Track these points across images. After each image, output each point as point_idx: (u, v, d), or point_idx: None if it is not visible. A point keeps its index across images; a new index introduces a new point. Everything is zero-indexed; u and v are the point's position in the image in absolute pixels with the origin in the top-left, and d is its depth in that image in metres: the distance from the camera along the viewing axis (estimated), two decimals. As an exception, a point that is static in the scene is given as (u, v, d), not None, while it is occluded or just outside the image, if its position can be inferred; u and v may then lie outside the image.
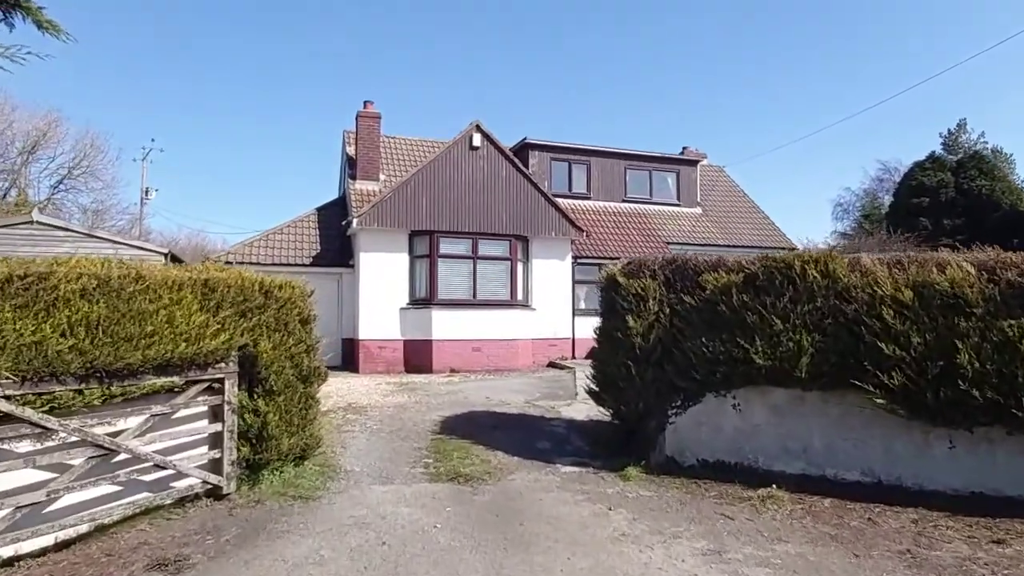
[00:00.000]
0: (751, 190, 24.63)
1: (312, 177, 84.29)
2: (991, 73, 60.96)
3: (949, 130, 38.85)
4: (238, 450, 6.05)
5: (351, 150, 19.47)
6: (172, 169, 64.80)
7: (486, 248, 16.92)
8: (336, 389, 12.17)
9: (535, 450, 7.90)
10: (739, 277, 6.80)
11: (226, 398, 5.94)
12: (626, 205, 21.19)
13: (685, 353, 6.97)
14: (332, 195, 19.92)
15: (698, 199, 22.31)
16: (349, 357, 16.97)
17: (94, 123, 68.79)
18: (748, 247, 21.13)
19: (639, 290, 7.28)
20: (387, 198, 16.17)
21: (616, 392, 7.45)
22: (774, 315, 6.52)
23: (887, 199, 40.60)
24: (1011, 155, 32.28)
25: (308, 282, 7.31)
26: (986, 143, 38.32)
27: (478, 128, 17.02)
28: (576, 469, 7.18)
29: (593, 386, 8.10)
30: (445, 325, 16.18)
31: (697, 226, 21.35)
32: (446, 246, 16.57)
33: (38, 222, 15.21)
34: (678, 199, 21.99)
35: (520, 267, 17.37)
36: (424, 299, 16.36)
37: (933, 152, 32.39)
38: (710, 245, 20.71)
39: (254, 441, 6.14)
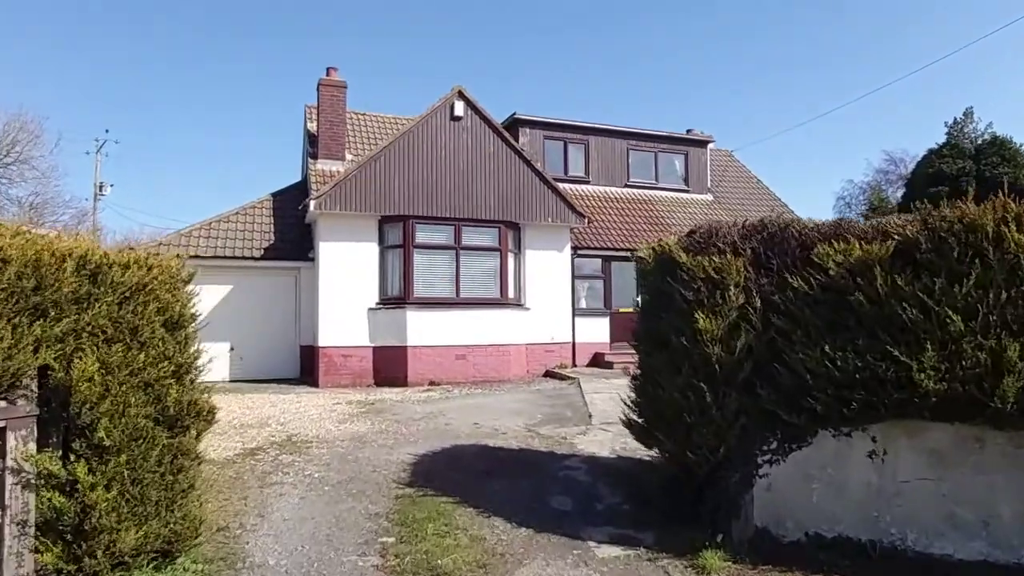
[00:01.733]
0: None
1: (286, 166, 79.83)
2: (995, 59, 59.43)
3: (956, 119, 36.81)
4: (36, 556, 3.38)
5: (312, 126, 16.74)
6: (133, 163, 60.63)
7: (471, 237, 14.30)
8: (278, 413, 9.47)
9: (551, 514, 5.30)
10: (884, 248, 4.25)
11: (7, 463, 3.28)
12: (629, 191, 18.67)
13: (793, 369, 4.40)
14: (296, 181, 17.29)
15: (708, 185, 19.86)
16: (309, 368, 14.24)
17: (31, 108, 63.06)
18: (768, 237, 18.71)
19: (713, 272, 4.71)
20: (353, 176, 13.49)
21: (676, 428, 4.85)
22: (950, 308, 3.99)
23: (894, 192, 38.57)
24: (1021, 145, 30.17)
25: (188, 267, 4.62)
26: (994, 133, 36.38)
27: (461, 95, 14.40)
28: (619, 551, 4.60)
29: (634, 416, 5.53)
30: (423, 329, 13.53)
31: (711, 215, 18.86)
32: (424, 234, 13.93)
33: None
34: (687, 184, 19.51)
35: (512, 259, 14.76)
36: (397, 298, 13.70)
37: (948, 138, 30.29)
38: (726, 235, 18.23)
39: (70, 537, 3.47)
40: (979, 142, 29.96)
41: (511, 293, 14.61)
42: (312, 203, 13.19)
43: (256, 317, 14.59)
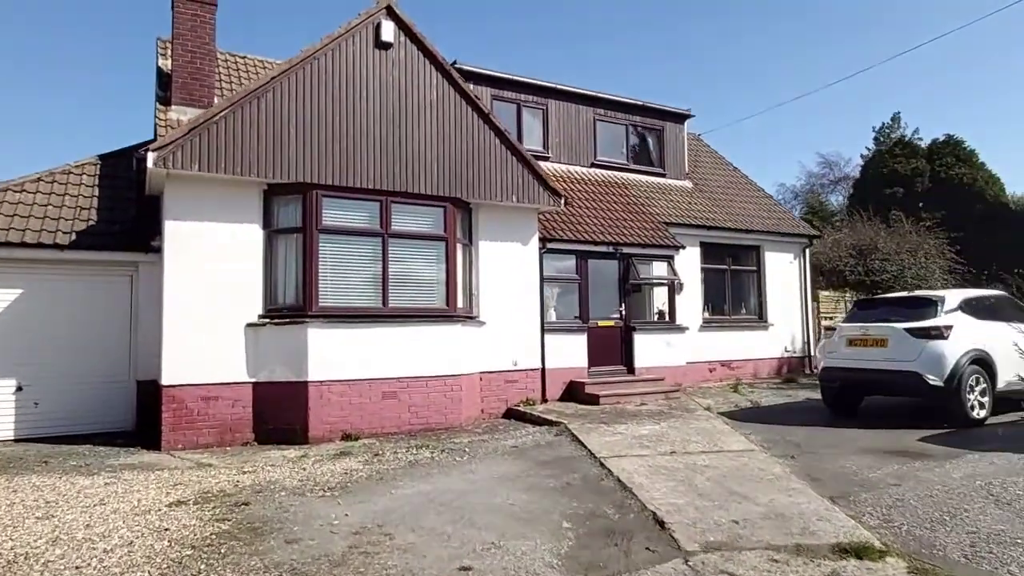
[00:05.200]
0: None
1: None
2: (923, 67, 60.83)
3: (884, 123, 35.94)
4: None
5: (165, 63, 11.64)
6: None
7: (405, 219, 9.81)
8: (43, 547, 4.54)
9: None
10: None
11: None
12: (597, 171, 14.73)
13: None
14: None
15: (686, 169, 16.28)
16: (150, 416, 9.17)
17: None
18: (764, 232, 15.37)
19: None
20: (222, 117, 8.66)
21: None
22: None
23: (830, 194, 37.20)
24: (967, 145, 29.06)
25: None
26: (920, 139, 35.66)
27: (390, 12, 9.90)
28: None
29: None
30: (333, 354, 8.89)
31: (694, 203, 15.27)
32: (335, 213, 9.31)
33: None
34: (662, 167, 15.83)
35: (461, 253, 10.38)
36: (294, 308, 9.00)
37: (903, 135, 28.74)
38: (719, 228, 14.67)
39: None
40: (932, 141, 28.47)
41: (460, 302, 10.21)
42: (152, 156, 8.22)
43: (64, 339, 9.34)
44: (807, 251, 16.36)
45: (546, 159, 13.93)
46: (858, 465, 6.71)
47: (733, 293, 15.12)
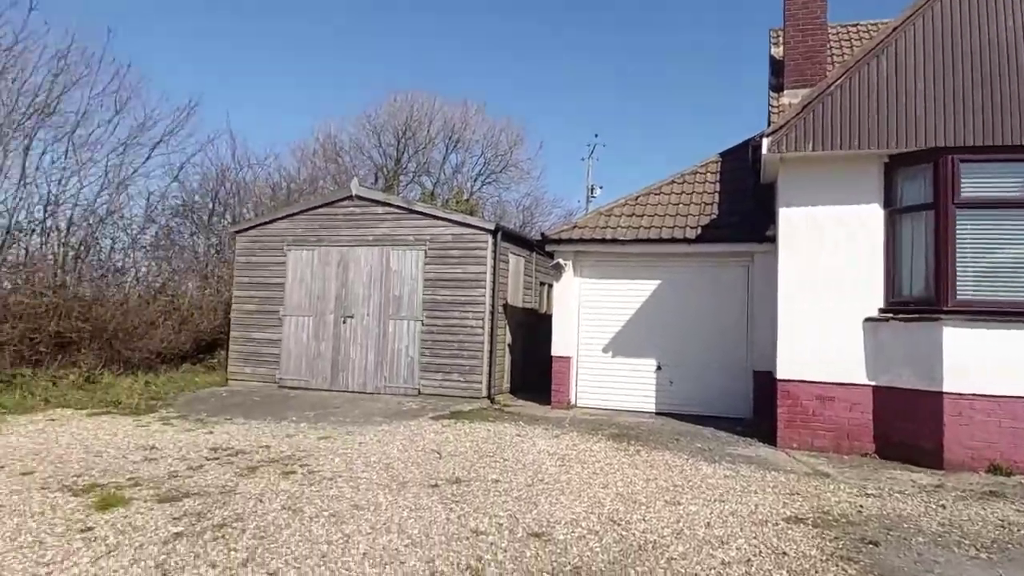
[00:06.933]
0: None
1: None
2: None
3: None
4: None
5: (777, 50, 11.47)
6: (615, 164, 60.85)
7: (1095, 177, 7.00)
8: (670, 526, 4.89)
9: None
10: None
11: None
12: None
13: None
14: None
15: None
16: (765, 408, 9.23)
17: (511, 112, 65.90)
18: None
19: None
20: (834, 90, 7.90)
21: None
22: None
23: None
24: None
25: None
26: None
27: None
28: None
29: None
30: (978, 360, 7.05)
31: None
32: (977, 181, 7.37)
33: (357, 196, 12.17)
34: None
35: None
36: (923, 301, 7.53)
37: None
38: None
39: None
40: None
41: None
42: (766, 142, 8.11)
43: (691, 325, 10.31)
44: None
45: None
46: None
47: None
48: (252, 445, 7.58)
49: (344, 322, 11.99)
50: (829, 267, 8.04)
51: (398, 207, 12.08)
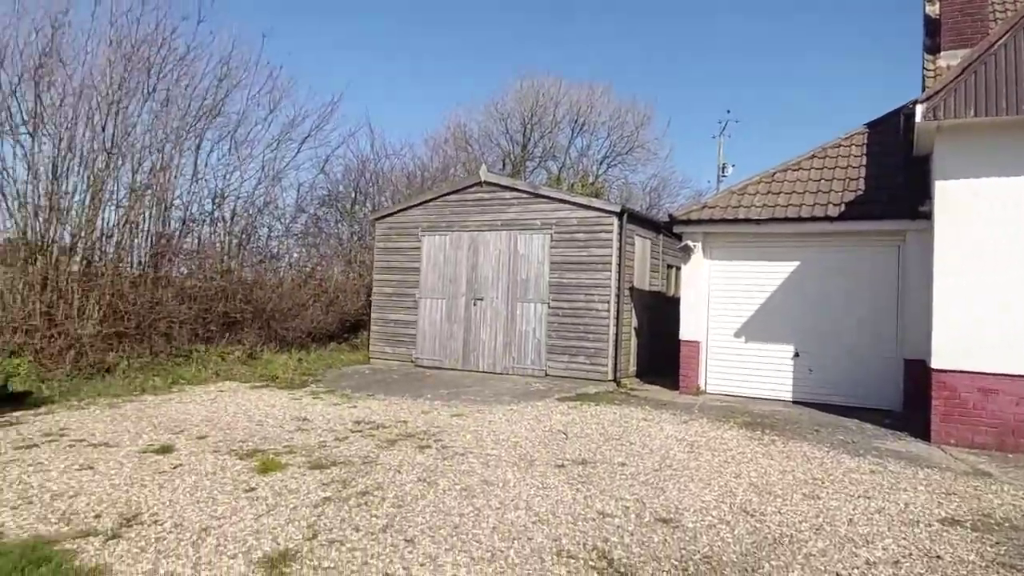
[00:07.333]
0: None
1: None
2: None
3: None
4: None
5: (932, 8, 10.35)
6: (749, 139, 57.19)
7: None
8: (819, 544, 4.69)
9: None
10: None
11: None
12: None
13: None
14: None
15: None
16: (917, 400, 8.51)
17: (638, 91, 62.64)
18: None
19: None
20: (1001, 46, 7.07)
21: None
22: None
23: None
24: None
25: None
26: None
27: None
28: None
29: None
30: None
31: None
32: None
33: (486, 182, 12.50)
34: None
35: None
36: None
37: None
38: None
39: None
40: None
41: None
42: (920, 108, 7.40)
43: (834, 309, 9.69)
44: None
45: None
46: None
47: None
48: (391, 420, 8.09)
49: (474, 304, 12.41)
50: (993, 246, 7.25)
51: (525, 192, 12.29)
